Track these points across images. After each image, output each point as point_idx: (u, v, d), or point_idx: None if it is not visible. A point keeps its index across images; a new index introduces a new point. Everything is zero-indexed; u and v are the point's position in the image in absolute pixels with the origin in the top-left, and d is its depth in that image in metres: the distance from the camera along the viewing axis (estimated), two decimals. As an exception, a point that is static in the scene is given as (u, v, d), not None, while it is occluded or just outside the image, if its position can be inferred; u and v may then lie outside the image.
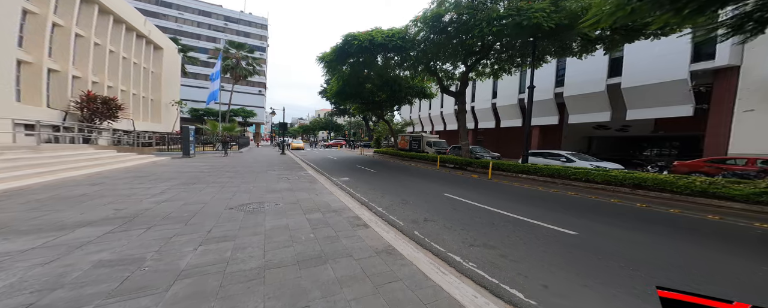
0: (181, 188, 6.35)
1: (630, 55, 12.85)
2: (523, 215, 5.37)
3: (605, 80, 14.68)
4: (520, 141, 24.96)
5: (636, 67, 13.18)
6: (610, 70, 14.49)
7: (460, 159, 14.15)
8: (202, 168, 10.34)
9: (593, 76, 14.93)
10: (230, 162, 13.28)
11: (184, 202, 5.13)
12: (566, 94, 16.57)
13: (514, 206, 6.18)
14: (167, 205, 4.87)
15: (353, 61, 17.21)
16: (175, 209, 4.65)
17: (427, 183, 9.51)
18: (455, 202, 6.52)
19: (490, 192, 7.87)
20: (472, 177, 11.31)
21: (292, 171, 10.63)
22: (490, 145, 22.58)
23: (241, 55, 29.62)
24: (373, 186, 8.55)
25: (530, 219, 5.13)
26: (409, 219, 5.10)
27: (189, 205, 4.94)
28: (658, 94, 12.71)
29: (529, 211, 5.69)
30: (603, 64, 14.55)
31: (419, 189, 8.25)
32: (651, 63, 12.53)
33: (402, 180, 9.91)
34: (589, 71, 15.09)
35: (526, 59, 14.71)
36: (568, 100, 16.57)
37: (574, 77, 16.01)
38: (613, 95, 14.63)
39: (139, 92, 18.83)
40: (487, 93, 25.00)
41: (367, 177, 10.80)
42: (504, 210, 5.73)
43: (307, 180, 8.77)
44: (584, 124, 16.80)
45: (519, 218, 5.19)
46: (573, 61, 15.77)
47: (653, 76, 12.53)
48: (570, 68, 16.38)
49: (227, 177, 8.32)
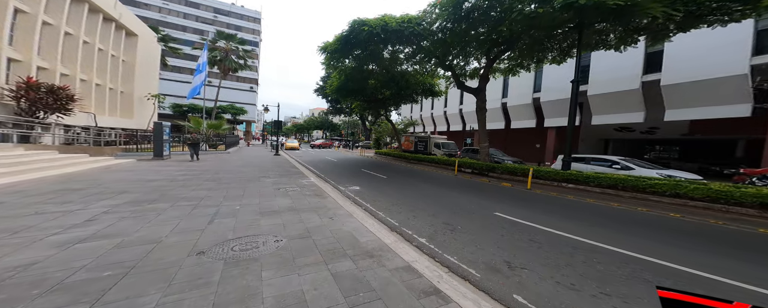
0: (128, 211, 4.32)
1: (672, 48, 11.52)
2: (657, 257, 3.65)
3: (640, 77, 13.34)
4: (531, 143, 23.86)
5: (680, 62, 11.84)
6: (647, 65, 13.17)
7: (479, 163, 12.51)
8: (174, 174, 8.23)
9: (625, 72, 13.56)
10: (214, 165, 11.16)
11: (117, 242, 3.14)
12: (590, 93, 15.19)
13: (617, 236, 4.48)
14: (77, 253, 2.81)
15: (358, 53, 15.38)
16: (89, 261, 2.64)
17: (457, 194, 7.75)
18: (521, 228, 4.76)
19: (554, 210, 6.16)
20: (502, 185, 9.63)
21: (291, 178, 8.68)
22: (496, 147, 21.17)
23: (230, 46, 27.18)
24: (394, 200, 6.73)
25: (679, 265, 3.41)
26: (485, 264, 3.30)
27: (123, 250, 2.95)
28: (707, 92, 11.35)
29: (658, 250, 3.94)
30: (637, 59, 13.20)
31: (454, 203, 6.48)
32: (700, 56, 11.18)
33: (424, 190, 8.12)
34: (619, 67, 13.73)
35: (548, 53, 13.26)
36: (593, 99, 15.20)
37: (601, 74, 14.65)
38: (649, 94, 13.29)
39: (105, 83, 16.21)
40: (496, 92, 23.56)
41: (380, 185, 8.98)
42: (617, 247, 3.99)
43: (312, 191, 6.86)
44: (606, 125, 15.51)
45: (660, 263, 3.46)
46: (599, 56, 14.41)
47: (702, 71, 11.19)
48: (595, 64, 15.00)
49: (205, 190, 6.30)
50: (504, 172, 11.03)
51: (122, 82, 18.07)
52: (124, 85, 18.32)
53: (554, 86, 17.38)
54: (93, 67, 14.72)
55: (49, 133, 9.51)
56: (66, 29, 13.05)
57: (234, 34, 28.80)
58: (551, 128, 18.38)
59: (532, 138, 21.44)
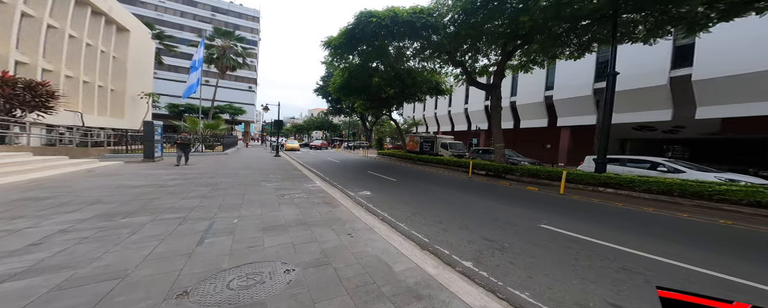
0: (94, 229, 3.43)
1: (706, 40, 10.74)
2: None
3: (668, 72, 12.56)
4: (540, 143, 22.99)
5: (714, 55, 11.03)
6: (676, 59, 12.39)
7: (495, 165, 11.68)
8: (164, 178, 7.33)
9: (651, 67, 12.76)
10: (210, 168, 10.27)
11: (62, 279, 2.26)
12: (611, 90, 14.41)
13: (745, 266, 3.43)
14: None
15: (363, 49, 14.57)
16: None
17: (481, 200, 6.91)
18: (593, 249, 3.88)
19: (615, 222, 5.26)
20: (528, 189, 8.76)
21: (294, 183, 7.80)
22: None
23: (228, 43, 26.27)
24: (414, 208, 5.87)
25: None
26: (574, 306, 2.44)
27: (65, 293, 2.07)
28: (744, 88, 10.50)
29: None
30: (664, 53, 12.41)
31: (483, 212, 5.63)
32: (738, 49, 10.38)
33: (442, 195, 7.27)
34: (644, 62, 12.93)
35: (565, 48, 12.47)
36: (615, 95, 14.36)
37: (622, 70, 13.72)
38: (677, 90, 12.46)
39: (94, 80, 15.21)
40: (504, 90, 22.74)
41: (391, 189, 8.13)
42: (760, 283, 3.16)
43: (321, 198, 6.00)
44: (625, 124, 14.72)
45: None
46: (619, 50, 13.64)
47: (740, 65, 10.37)
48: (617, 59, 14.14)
49: (198, 197, 5.42)
50: (524, 175, 10.20)
51: (113, 79, 17.09)
52: (115, 82, 17.34)
53: (569, 83, 16.60)
54: (80, 63, 13.77)
55: (30, 133, 8.56)
56: (49, 22, 12.12)
57: (232, 30, 27.90)
58: (565, 127, 17.59)
59: (541, 138, 20.66)
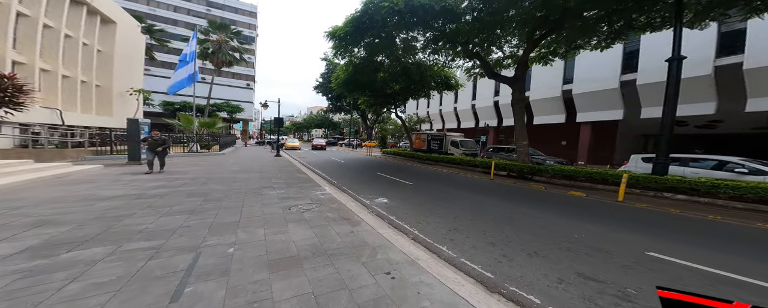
0: (16, 273, 2.32)
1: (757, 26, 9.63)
2: None
3: (712, 61, 11.45)
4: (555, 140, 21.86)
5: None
6: (721, 47, 11.29)
7: (519, 165, 10.62)
8: (146, 186, 6.21)
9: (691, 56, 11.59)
10: (203, 170, 9.14)
11: None
12: (640, 82, 13.28)
13: None
14: None
15: (370, 41, 13.45)
16: None
17: (528, 210, 5.84)
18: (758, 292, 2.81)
19: (737, 245, 4.19)
20: (571, 194, 7.63)
21: (301, 189, 6.70)
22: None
23: (223, 37, 24.96)
24: (450, 222, 4.80)
25: None
26: None
27: None
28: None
29: None
30: (707, 41, 11.30)
31: (544, 229, 4.55)
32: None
33: (475, 204, 6.19)
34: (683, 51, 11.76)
35: (593, 38, 11.35)
36: (644, 89, 13.24)
37: (654, 61, 12.66)
38: (724, 80, 11.32)
39: (76, 75, 13.90)
40: (515, 85, 21.67)
41: (410, 194, 7.06)
42: None
43: (335, 210, 4.91)
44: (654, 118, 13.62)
45: None
46: (650, 40, 12.56)
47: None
48: (647, 49, 13.05)
49: (183, 214, 4.31)
50: (556, 176, 9.11)
51: (98, 74, 15.79)
52: (100, 78, 16.04)
53: (591, 76, 15.49)
54: (59, 56, 12.48)
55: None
56: (20, 9, 10.85)
57: (228, 24, 26.55)
58: (585, 123, 16.51)
59: (557, 134, 19.57)
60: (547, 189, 8.23)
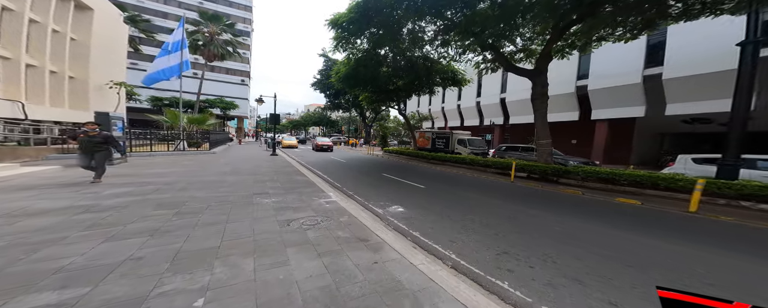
0: None
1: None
2: None
3: None
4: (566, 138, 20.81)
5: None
6: (765, 34, 10.33)
7: (541, 165, 9.64)
8: (104, 195, 5.01)
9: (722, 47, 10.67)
10: (186, 173, 7.94)
11: None
12: (666, 76, 12.36)
13: None
14: None
15: (374, 31, 12.42)
16: None
17: (584, 224, 4.80)
18: None
19: None
20: (619, 201, 6.58)
21: (301, 196, 5.56)
22: (520, 142, 18.40)
23: (216, 29, 23.50)
24: (494, 244, 3.72)
25: None
26: None
27: None
28: None
29: None
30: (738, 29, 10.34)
31: (653, 258, 3.49)
32: None
33: (510, 215, 5.13)
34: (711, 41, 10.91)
35: (618, 28, 10.38)
36: (671, 83, 12.30)
37: (682, 53, 11.71)
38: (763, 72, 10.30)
39: (44, 64, 12.37)
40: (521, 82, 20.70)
41: (426, 201, 6.02)
42: None
43: (345, 226, 3.81)
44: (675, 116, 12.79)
45: None
46: (679, 30, 11.62)
47: None
48: (675, 40, 12.08)
49: (140, 236, 3.17)
50: (589, 179, 8.05)
51: (71, 64, 14.27)
52: (74, 68, 14.52)
53: (609, 71, 14.57)
54: (21, 42, 11.01)
55: None
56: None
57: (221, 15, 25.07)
58: (601, 121, 15.61)
59: (568, 133, 18.67)
60: (585, 195, 7.17)
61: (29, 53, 11.75)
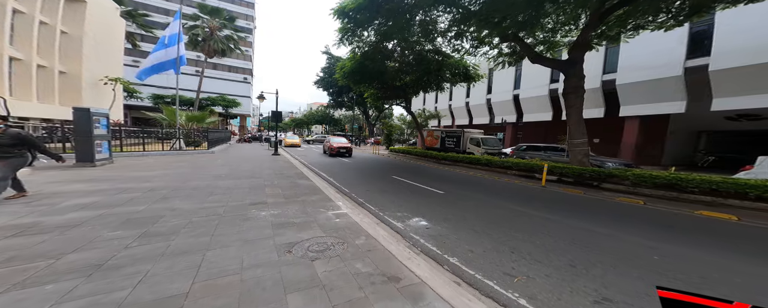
0: None
1: None
2: None
3: None
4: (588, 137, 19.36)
5: None
6: None
7: (579, 168, 8.54)
8: (59, 209, 4.09)
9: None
10: (174, 176, 7.05)
11: None
12: (713, 68, 11.05)
13: None
14: None
15: (382, 22, 11.45)
16: None
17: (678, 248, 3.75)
18: None
19: None
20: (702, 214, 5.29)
21: (305, 206, 4.58)
22: (536, 141, 17.18)
23: (216, 24, 22.65)
24: (595, 290, 2.68)
25: None
26: None
27: None
28: None
29: None
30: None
31: None
32: None
33: (581, 234, 4.10)
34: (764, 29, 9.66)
35: (659, 16, 9.19)
36: (718, 75, 10.96)
37: (735, 42, 10.36)
38: None
39: (31, 58, 11.52)
40: (537, 77, 19.52)
41: (453, 212, 5.04)
42: None
43: (361, 251, 2.80)
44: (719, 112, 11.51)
45: None
46: (728, 17, 10.37)
47: None
48: (723, 28, 10.77)
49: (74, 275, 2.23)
50: (641, 184, 6.80)
51: (62, 59, 13.46)
52: (65, 63, 13.71)
53: (641, 63, 13.30)
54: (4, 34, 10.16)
55: None
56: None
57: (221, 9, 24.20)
58: (632, 118, 14.34)
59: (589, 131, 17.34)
60: (649, 205, 5.97)
61: (13, 46, 10.94)
